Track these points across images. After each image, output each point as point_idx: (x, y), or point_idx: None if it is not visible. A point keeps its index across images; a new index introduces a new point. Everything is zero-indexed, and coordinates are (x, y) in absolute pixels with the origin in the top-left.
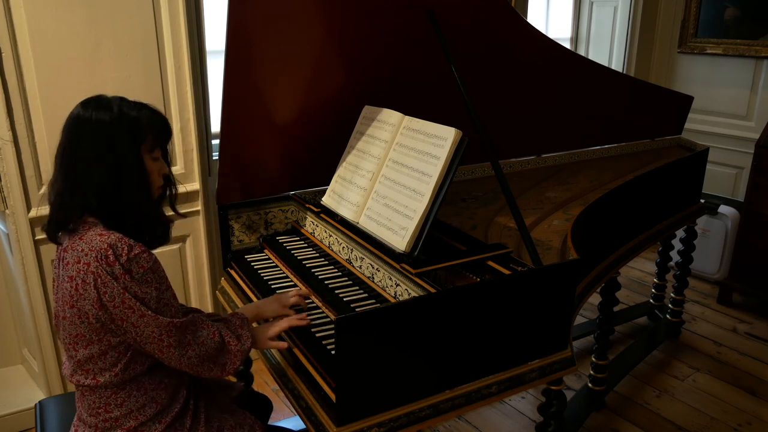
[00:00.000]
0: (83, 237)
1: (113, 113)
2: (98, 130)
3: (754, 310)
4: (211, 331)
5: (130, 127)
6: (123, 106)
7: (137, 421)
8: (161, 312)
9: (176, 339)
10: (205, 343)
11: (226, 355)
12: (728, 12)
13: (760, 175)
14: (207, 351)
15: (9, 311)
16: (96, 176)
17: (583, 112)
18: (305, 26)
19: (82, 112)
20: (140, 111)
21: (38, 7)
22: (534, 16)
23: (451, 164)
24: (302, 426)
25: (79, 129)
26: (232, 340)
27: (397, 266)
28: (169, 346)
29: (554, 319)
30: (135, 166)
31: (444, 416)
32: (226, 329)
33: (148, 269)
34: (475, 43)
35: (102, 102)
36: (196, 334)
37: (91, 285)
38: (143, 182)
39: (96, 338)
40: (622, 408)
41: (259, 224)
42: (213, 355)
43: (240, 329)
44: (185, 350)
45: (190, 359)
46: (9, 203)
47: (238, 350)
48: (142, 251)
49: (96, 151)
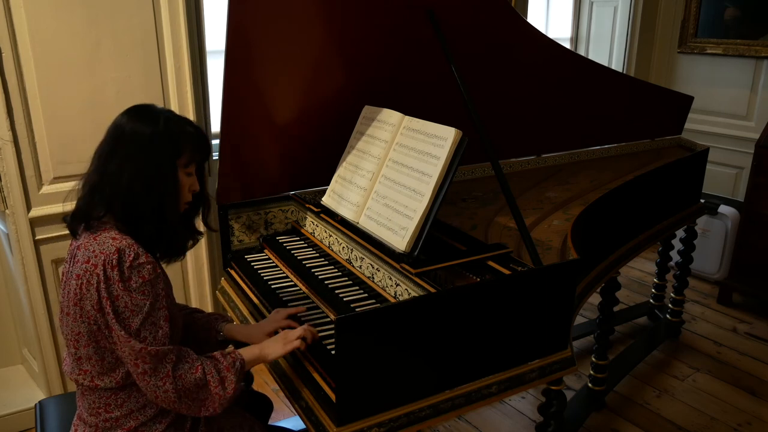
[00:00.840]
0: (97, 237)
1: (157, 127)
2: (137, 140)
3: (754, 310)
4: (194, 366)
5: (170, 141)
6: (169, 120)
7: (138, 422)
8: (142, 332)
9: (151, 367)
10: (183, 378)
11: (207, 395)
12: (728, 12)
13: (760, 175)
14: (184, 386)
15: (9, 311)
16: (127, 179)
17: (583, 112)
18: (305, 26)
19: (125, 120)
20: (184, 126)
21: (38, 7)
22: (534, 16)
23: (451, 164)
24: (302, 426)
25: (118, 136)
26: (213, 381)
27: (397, 266)
28: (144, 373)
29: (554, 319)
30: (167, 177)
31: (444, 416)
32: (212, 368)
33: (147, 281)
34: (475, 43)
35: (147, 113)
36: (175, 366)
37: (93, 286)
38: (173, 193)
39: (95, 339)
40: (622, 408)
41: (259, 224)
42: (193, 392)
43: (226, 371)
44: (161, 381)
45: (167, 392)
46: (9, 203)
47: (217, 394)
48: (148, 261)
49: (130, 160)
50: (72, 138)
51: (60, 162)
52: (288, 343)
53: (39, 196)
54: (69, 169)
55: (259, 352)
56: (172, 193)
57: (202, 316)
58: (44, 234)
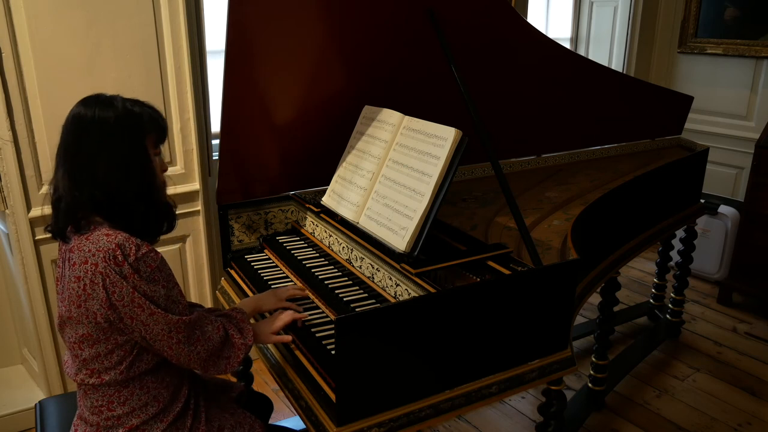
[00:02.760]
0: (89, 237)
1: (118, 110)
2: (103, 126)
3: (754, 310)
4: (216, 326)
5: (134, 123)
6: (126, 102)
7: (139, 420)
8: (170, 309)
9: (185, 335)
10: (211, 339)
11: (231, 349)
12: (728, 12)
13: (760, 175)
14: (213, 346)
15: (9, 311)
16: (102, 172)
17: (583, 113)
18: (305, 26)
19: (84, 110)
20: (142, 108)
21: (38, 7)
22: (534, 16)
23: (451, 164)
24: (302, 426)
25: (82, 127)
26: (235, 333)
27: (397, 266)
28: (178, 342)
29: (554, 319)
30: (141, 160)
31: (444, 416)
32: (230, 323)
33: (155, 268)
34: (476, 43)
35: (103, 100)
36: (203, 330)
37: (99, 285)
38: (150, 175)
39: (103, 337)
40: (622, 408)
41: (259, 224)
42: (219, 350)
43: (242, 323)
44: (194, 346)
45: (199, 354)
46: (9, 203)
47: (242, 344)
48: (149, 250)
49: (102, 148)
50: None
51: None
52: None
53: (39, 196)
54: None
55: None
56: (151, 174)
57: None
58: (44, 234)
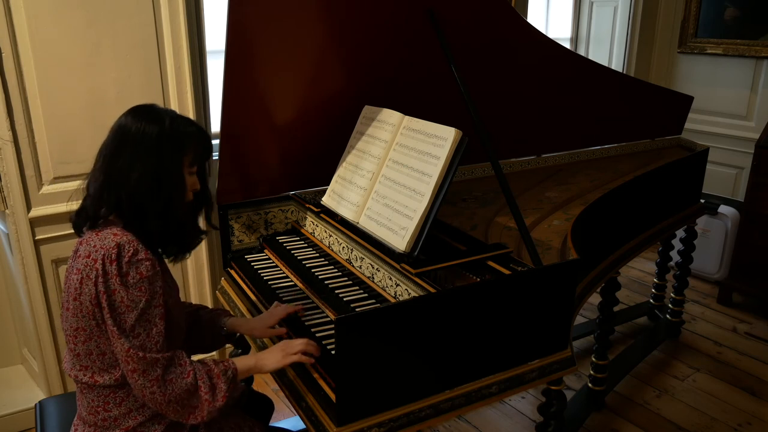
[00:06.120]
0: (99, 233)
1: (164, 127)
2: (144, 140)
3: (754, 310)
4: (186, 371)
5: (176, 140)
6: (174, 121)
7: (136, 421)
8: (136, 328)
9: (141, 368)
10: (174, 382)
11: (196, 402)
12: (728, 12)
13: (760, 175)
14: (174, 391)
15: (9, 311)
16: (135, 179)
17: (583, 113)
18: (305, 26)
19: (131, 121)
20: (188, 126)
21: (38, 7)
22: (534, 16)
23: (451, 164)
24: (302, 426)
25: (125, 136)
26: (204, 387)
27: (397, 266)
28: (133, 371)
29: (554, 319)
30: (174, 176)
31: (444, 416)
32: (204, 374)
33: (145, 278)
34: (475, 43)
35: (153, 113)
36: (166, 370)
37: (92, 281)
38: (179, 192)
39: (95, 335)
40: (622, 408)
41: (259, 224)
42: (179, 398)
43: (218, 379)
44: (149, 382)
45: (153, 394)
46: (9, 203)
47: (207, 401)
48: (147, 258)
49: (138, 159)
50: (72, 138)
51: (60, 162)
52: (287, 356)
53: (39, 196)
54: (69, 169)
55: (255, 363)
56: (179, 192)
57: (206, 313)
58: (44, 234)
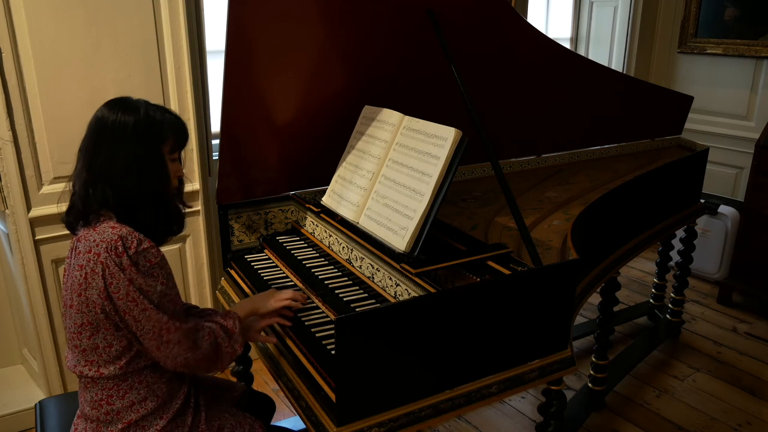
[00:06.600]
0: (96, 228)
1: (139, 115)
2: (122, 130)
3: (754, 310)
4: (206, 332)
5: (153, 128)
6: (149, 109)
7: (138, 415)
8: (163, 308)
9: (175, 337)
10: (201, 346)
11: (219, 356)
12: (728, 12)
13: (760, 175)
14: (202, 353)
15: (9, 311)
16: (116, 173)
17: (583, 112)
18: (305, 26)
19: (107, 113)
20: (164, 114)
21: (38, 7)
22: (534, 16)
23: (451, 164)
24: (302, 426)
25: (103, 129)
26: (224, 342)
27: (397, 266)
28: (168, 342)
29: (554, 319)
30: (156, 164)
31: (444, 416)
32: (221, 331)
33: (155, 264)
34: (475, 43)
35: (127, 104)
36: (196, 336)
37: (99, 275)
38: (163, 178)
39: (102, 328)
40: (622, 408)
41: (259, 224)
42: (207, 356)
43: (232, 332)
44: (182, 350)
45: (186, 359)
46: (9, 203)
47: (228, 352)
48: (151, 246)
49: (118, 150)
50: (72, 138)
51: (60, 162)
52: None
53: (39, 196)
54: (69, 169)
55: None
56: (164, 180)
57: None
58: (44, 234)
